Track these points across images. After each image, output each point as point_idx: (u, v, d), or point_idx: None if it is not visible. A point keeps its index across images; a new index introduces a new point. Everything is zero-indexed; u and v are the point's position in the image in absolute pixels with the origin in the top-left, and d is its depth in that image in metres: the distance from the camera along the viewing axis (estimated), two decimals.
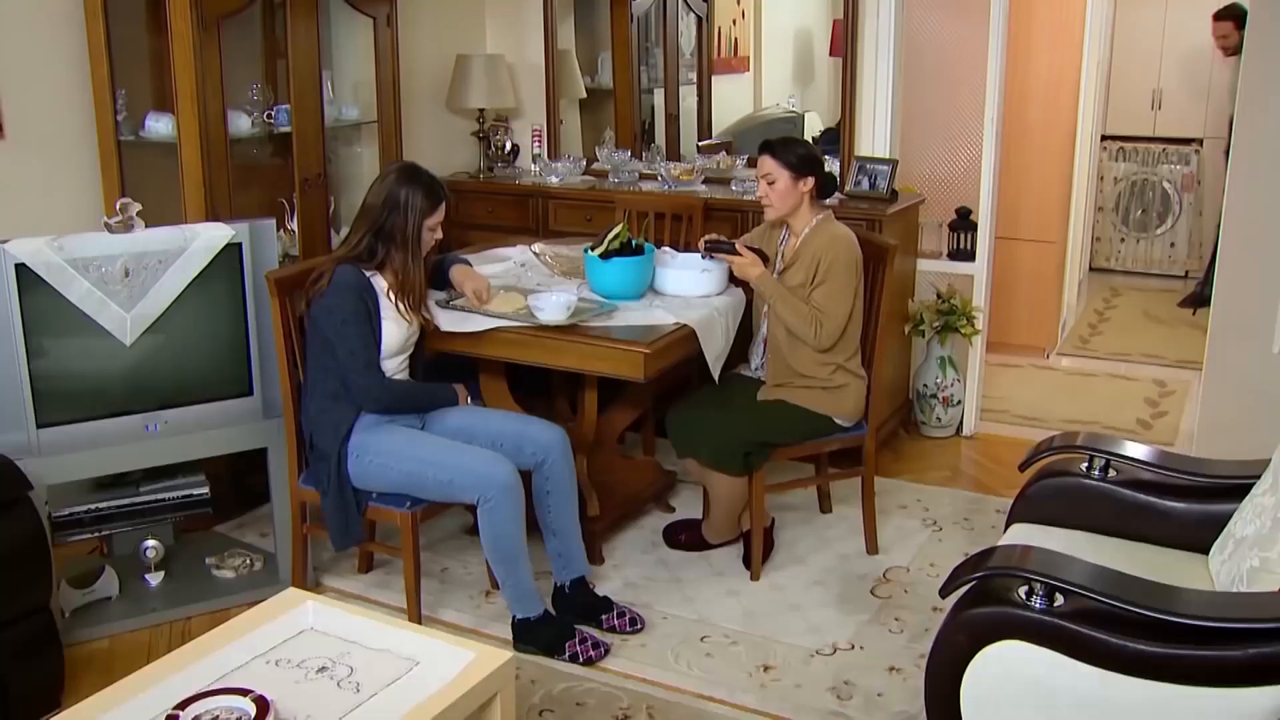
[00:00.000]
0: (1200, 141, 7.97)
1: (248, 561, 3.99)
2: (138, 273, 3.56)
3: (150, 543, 3.84)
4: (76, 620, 3.64)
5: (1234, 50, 6.73)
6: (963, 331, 5.04)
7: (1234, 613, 2.25)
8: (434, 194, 3.50)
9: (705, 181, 5.17)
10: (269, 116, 4.41)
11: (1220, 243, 4.25)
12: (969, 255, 5.19)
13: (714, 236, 3.92)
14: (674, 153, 5.70)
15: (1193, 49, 7.72)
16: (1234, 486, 2.83)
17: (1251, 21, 4.03)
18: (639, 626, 3.63)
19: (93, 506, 3.76)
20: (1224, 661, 2.18)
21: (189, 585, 3.87)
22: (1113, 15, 7.42)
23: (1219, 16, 6.92)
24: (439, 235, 3.57)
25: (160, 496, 3.86)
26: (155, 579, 3.88)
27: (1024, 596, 2.36)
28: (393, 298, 3.49)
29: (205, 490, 3.91)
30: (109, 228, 3.57)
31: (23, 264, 3.38)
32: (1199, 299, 7.14)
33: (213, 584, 3.89)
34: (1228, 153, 6.38)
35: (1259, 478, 2.69)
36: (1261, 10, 3.96)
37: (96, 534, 3.86)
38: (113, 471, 3.72)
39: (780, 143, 3.80)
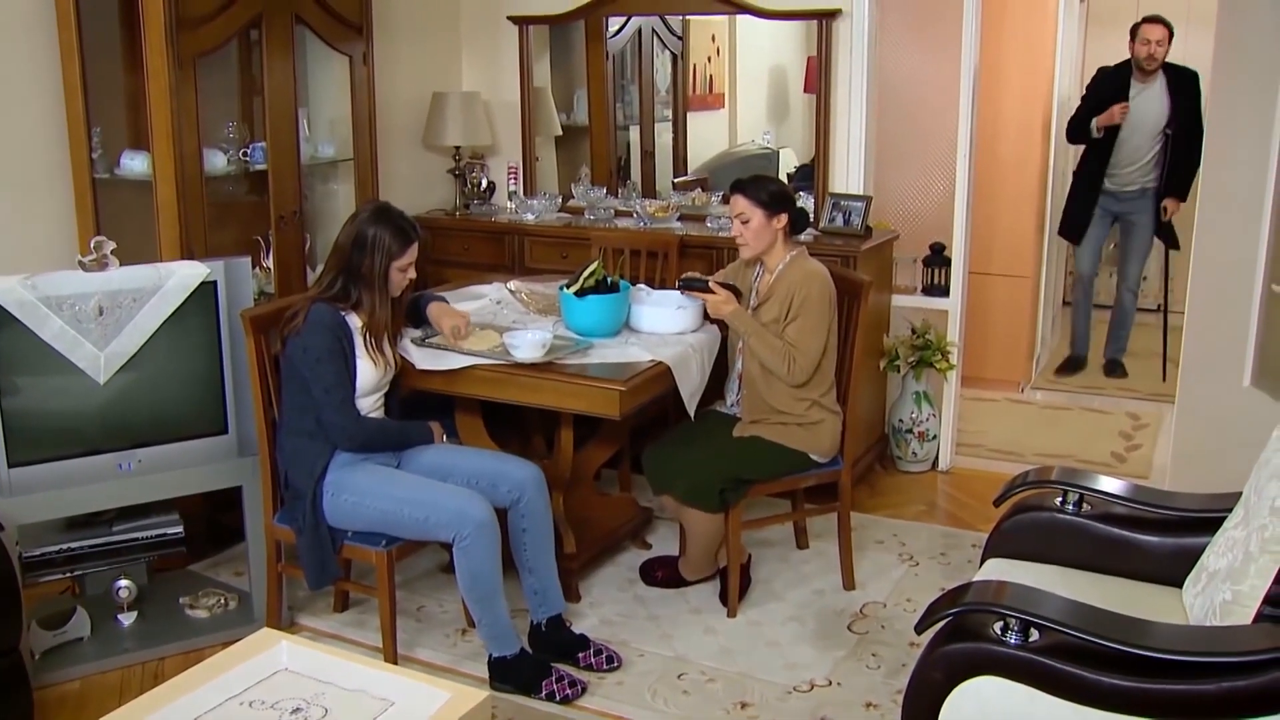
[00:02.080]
0: None
1: (222, 601, 3.95)
2: (112, 311, 3.54)
3: (123, 582, 3.81)
4: (47, 662, 3.60)
5: (1158, 65, 6.06)
6: (937, 366, 5.06)
7: (1206, 647, 2.26)
8: (403, 235, 3.50)
9: (681, 218, 5.20)
10: (245, 154, 4.41)
11: (1191, 277, 4.28)
12: (943, 290, 5.22)
13: (693, 275, 3.94)
14: (650, 189, 5.73)
15: None
16: (1206, 520, 2.84)
17: (1216, 59, 4.08)
18: (616, 664, 3.62)
19: (64, 546, 3.73)
20: (1197, 695, 2.19)
21: (162, 625, 3.84)
22: (1082, 51, 7.50)
23: (1153, 20, 6.09)
24: (412, 276, 3.58)
25: (133, 536, 3.83)
26: (128, 619, 3.84)
27: (999, 632, 2.37)
28: (366, 338, 3.49)
29: (179, 529, 3.88)
30: (83, 266, 3.56)
31: None
32: (1074, 366, 6.71)
33: (186, 624, 3.86)
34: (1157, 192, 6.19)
35: (1230, 511, 2.71)
36: (1226, 45, 4.01)
37: (68, 574, 3.82)
38: (85, 511, 3.70)
39: (751, 181, 3.83)
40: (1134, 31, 6.13)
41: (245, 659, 2.63)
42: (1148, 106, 6.08)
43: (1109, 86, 6.15)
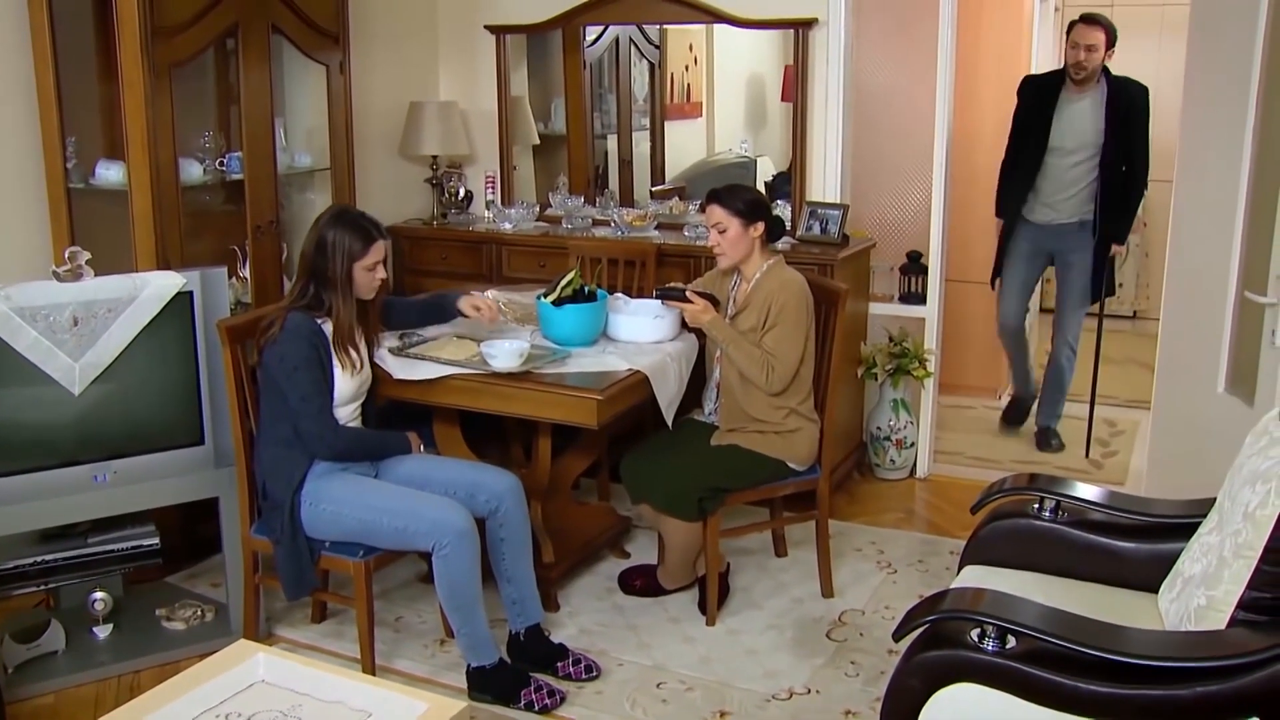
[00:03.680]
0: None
1: (199, 613, 3.93)
2: (87, 321, 3.52)
3: (98, 595, 3.78)
4: (21, 676, 3.57)
5: (1090, 74, 5.12)
6: (915, 374, 5.08)
7: (1181, 652, 2.28)
8: (364, 234, 3.49)
9: (658, 227, 5.21)
10: (221, 164, 4.40)
11: (1165, 285, 4.32)
12: (920, 298, 5.23)
13: (671, 284, 3.95)
14: (627, 198, 5.74)
15: None
16: (1181, 525, 2.86)
17: (1188, 66, 4.11)
18: (594, 673, 3.62)
19: (39, 559, 3.70)
20: (1173, 700, 2.20)
21: (138, 638, 3.81)
22: (1059, 60, 7.54)
23: (1090, 20, 5.12)
24: (381, 275, 3.56)
25: (109, 547, 3.80)
26: (103, 632, 3.81)
27: (976, 639, 2.37)
28: (336, 343, 3.49)
29: (155, 541, 3.86)
30: (57, 276, 3.54)
31: None
32: (1018, 413, 5.86)
33: (163, 636, 3.84)
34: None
35: (1205, 516, 2.73)
36: (1198, 53, 4.05)
37: (42, 587, 3.79)
38: (60, 523, 3.67)
39: (726, 191, 3.84)
40: (1068, 32, 5.21)
41: (222, 671, 2.62)
42: (1078, 122, 5.19)
43: (1033, 99, 5.30)
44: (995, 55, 6.10)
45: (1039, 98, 5.28)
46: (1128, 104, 5.13)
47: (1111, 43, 5.08)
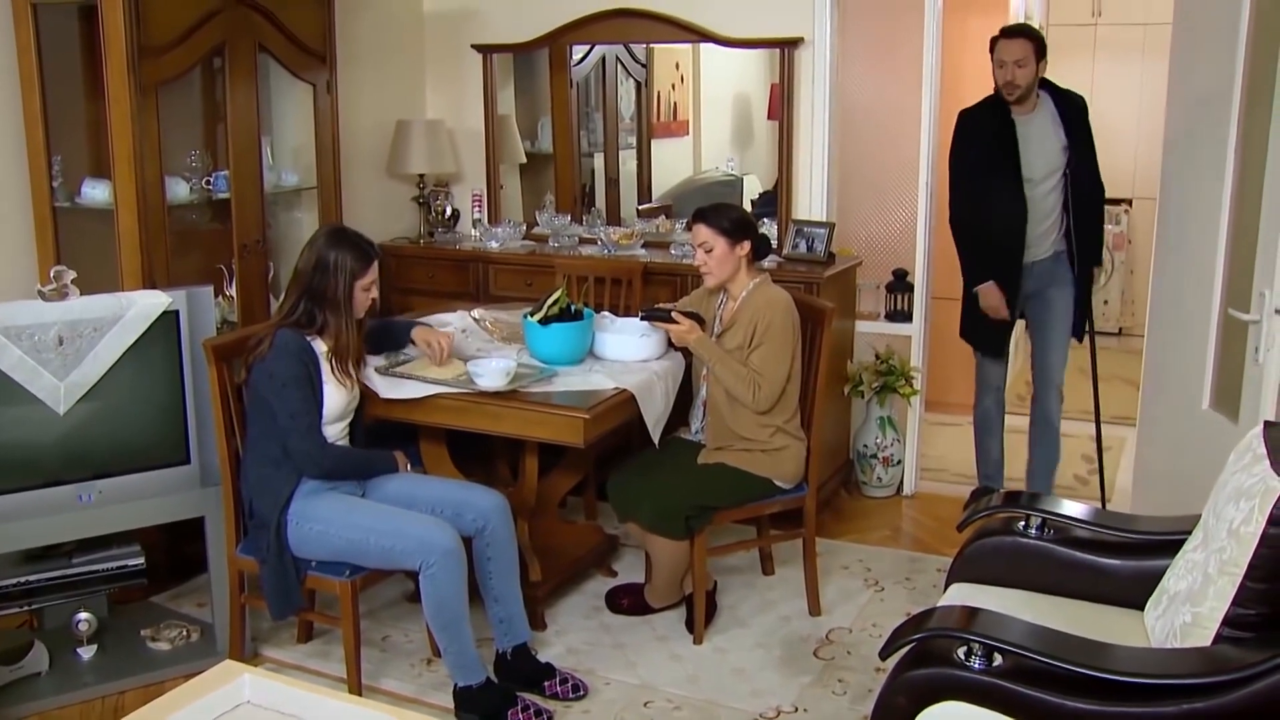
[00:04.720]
0: (1130, 201, 8.14)
1: (184, 633, 3.91)
2: (72, 341, 3.51)
3: (83, 615, 3.75)
4: (4, 698, 3.54)
5: (1026, 92, 4.55)
6: (901, 392, 5.09)
7: (1167, 669, 2.29)
8: (363, 254, 3.51)
9: (645, 245, 5.22)
10: (208, 182, 4.39)
11: (1150, 303, 4.33)
12: (906, 316, 5.25)
13: (658, 306, 3.96)
14: (614, 217, 5.75)
15: (1120, 110, 7.91)
16: (1167, 542, 2.87)
17: (1171, 84, 4.14)
18: (582, 693, 3.61)
19: (22, 579, 3.67)
20: (1159, 717, 2.21)
21: (123, 658, 3.79)
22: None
23: (1011, 34, 4.62)
24: (374, 294, 3.57)
25: (93, 568, 3.77)
26: (88, 653, 3.78)
27: (963, 657, 2.38)
28: (332, 362, 3.48)
29: (140, 560, 3.83)
30: (43, 295, 3.53)
31: None
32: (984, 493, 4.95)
33: (148, 657, 3.81)
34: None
35: (1190, 533, 2.73)
36: (1180, 73, 4.07)
37: (26, 608, 3.77)
38: (44, 543, 3.65)
39: (713, 209, 3.86)
40: (991, 50, 4.63)
41: (207, 692, 2.60)
42: (1045, 145, 4.61)
43: (986, 129, 4.63)
44: (980, 72, 6.08)
45: (992, 128, 4.62)
46: (1076, 115, 4.67)
47: (1041, 53, 4.54)
